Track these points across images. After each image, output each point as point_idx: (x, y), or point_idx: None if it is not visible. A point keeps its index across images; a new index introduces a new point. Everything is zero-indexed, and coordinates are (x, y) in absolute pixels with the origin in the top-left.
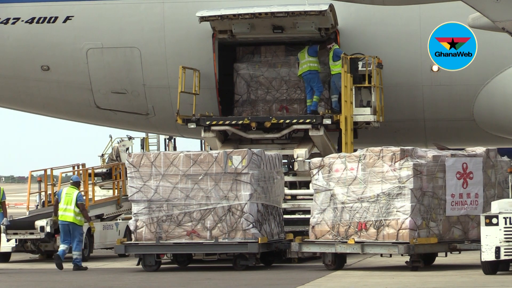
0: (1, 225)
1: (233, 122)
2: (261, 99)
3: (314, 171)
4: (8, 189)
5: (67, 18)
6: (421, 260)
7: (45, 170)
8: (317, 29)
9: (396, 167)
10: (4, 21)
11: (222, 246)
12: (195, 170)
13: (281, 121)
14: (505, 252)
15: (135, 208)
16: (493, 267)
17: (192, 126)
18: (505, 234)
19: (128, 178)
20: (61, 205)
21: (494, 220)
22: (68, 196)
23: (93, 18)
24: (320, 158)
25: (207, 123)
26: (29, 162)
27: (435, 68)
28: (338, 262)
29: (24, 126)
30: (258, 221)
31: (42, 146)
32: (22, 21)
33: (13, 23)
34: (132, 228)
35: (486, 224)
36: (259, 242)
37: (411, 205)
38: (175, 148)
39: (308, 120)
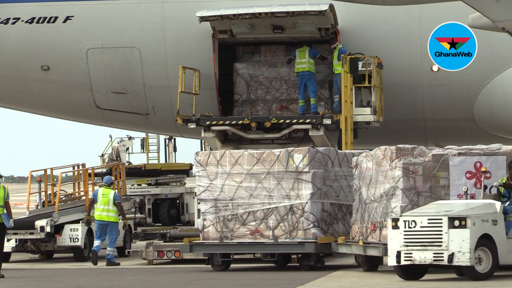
0: (8, 226)
1: (233, 122)
2: (261, 99)
3: (353, 170)
4: (9, 188)
5: (67, 18)
6: None
7: (45, 170)
8: (317, 29)
9: (393, 166)
10: (4, 21)
11: (281, 246)
12: (258, 169)
13: (281, 121)
14: (405, 257)
15: (203, 207)
16: (407, 272)
17: (192, 126)
18: (404, 238)
19: (196, 177)
20: (98, 206)
21: (400, 223)
22: (105, 197)
23: (93, 18)
24: (356, 157)
25: (207, 123)
26: (29, 162)
27: (435, 68)
28: (369, 263)
29: (24, 126)
30: (325, 221)
31: (42, 146)
32: (22, 21)
33: (13, 23)
34: (200, 227)
35: (393, 228)
36: (318, 242)
37: (400, 206)
38: (175, 149)
39: (308, 120)
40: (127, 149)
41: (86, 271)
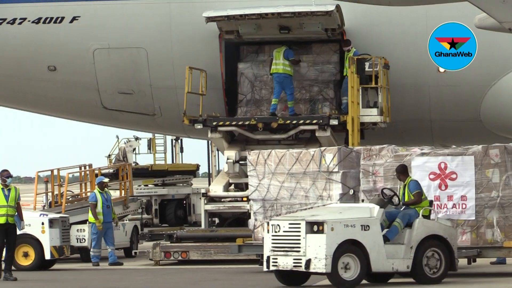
0: (20, 229)
1: (240, 123)
2: (266, 99)
3: None
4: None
5: (74, 18)
6: None
7: (52, 171)
8: (323, 29)
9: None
10: (11, 21)
11: None
12: (297, 169)
13: (288, 121)
14: (272, 262)
15: (254, 207)
16: (285, 278)
17: (199, 127)
18: (272, 243)
19: (248, 176)
20: (98, 209)
21: (270, 227)
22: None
23: (100, 19)
24: None
25: (214, 123)
26: (36, 162)
27: (441, 69)
28: None
29: (31, 127)
30: None
31: (49, 146)
32: (29, 21)
33: (20, 23)
34: (251, 227)
35: (267, 231)
36: None
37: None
38: (181, 149)
39: (315, 121)
40: (134, 149)
41: (92, 271)
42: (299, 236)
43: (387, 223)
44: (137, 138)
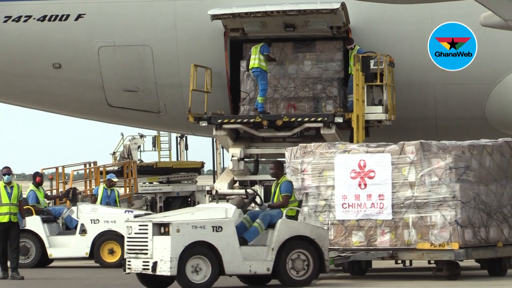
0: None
1: (245, 120)
2: (269, 97)
3: None
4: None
5: (79, 16)
6: None
7: (57, 168)
8: (329, 27)
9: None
10: (16, 19)
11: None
12: None
13: (293, 119)
14: (127, 265)
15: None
16: (147, 281)
17: (204, 124)
18: (127, 245)
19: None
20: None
21: (127, 229)
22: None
23: (105, 16)
24: None
25: (219, 121)
26: (41, 159)
27: None
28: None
29: (36, 124)
30: None
31: (54, 143)
32: (34, 18)
33: (25, 20)
34: None
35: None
36: None
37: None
38: (186, 147)
39: (319, 119)
40: (139, 147)
41: (98, 269)
42: (147, 238)
43: (251, 224)
44: (142, 136)
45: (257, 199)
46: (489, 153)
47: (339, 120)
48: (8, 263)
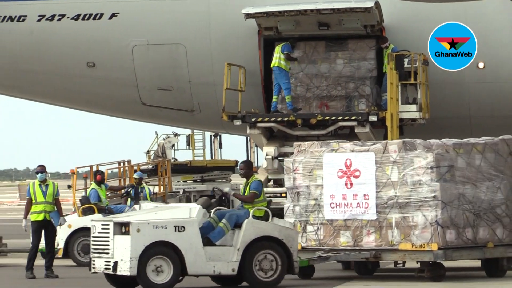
0: (57, 225)
1: (279, 119)
2: (301, 96)
3: None
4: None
5: (113, 15)
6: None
7: (91, 167)
8: (362, 26)
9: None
10: (50, 18)
11: None
12: None
13: (327, 118)
14: (92, 264)
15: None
16: (114, 281)
17: (238, 123)
18: (92, 244)
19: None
20: None
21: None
22: None
23: (139, 15)
24: None
25: (253, 120)
26: (75, 158)
27: (481, 65)
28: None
29: (70, 123)
30: None
31: (88, 142)
32: (68, 17)
33: (59, 19)
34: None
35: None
36: None
37: (284, 207)
38: (220, 145)
39: (353, 117)
40: (173, 145)
41: None
42: (108, 237)
43: (218, 224)
44: (176, 134)
45: (224, 199)
46: (479, 151)
47: (373, 118)
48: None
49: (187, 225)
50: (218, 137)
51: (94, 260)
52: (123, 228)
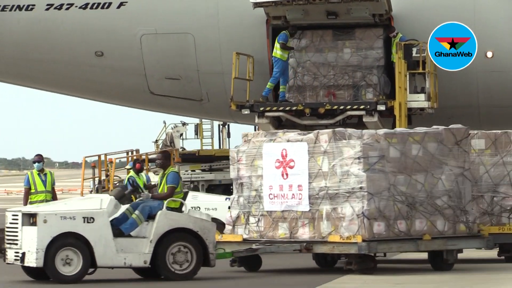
0: None
1: (287, 108)
2: (308, 85)
3: None
4: (62, 174)
5: (121, 4)
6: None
7: (99, 156)
8: (371, 15)
9: None
10: (58, 7)
11: None
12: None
13: (335, 107)
14: (6, 255)
15: None
16: (30, 272)
17: (246, 112)
18: (6, 235)
19: None
20: None
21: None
22: None
23: (147, 4)
24: None
25: (261, 109)
26: (83, 148)
27: (489, 54)
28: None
29: (78, 112)
30: None
31: (96, 131)
32: (76, 6)
33: (67, 8)
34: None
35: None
36: None
37: (231, 197)
38: (228, 135)
39: (362, 107)
40: (181, 135)
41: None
42: (17, 228)
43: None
44: (184, 124)
45: (139, 190)
46: (417, 141)
47: (381, 108)
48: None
49: (96, 216)
50: (227, 126)
51: (7, 251)
52: (31, 219)
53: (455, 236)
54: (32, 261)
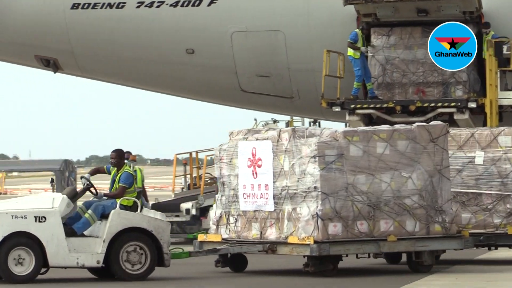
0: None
1: (378, 106)
2: (397, 82)
3: None
4: (154, 171)
5: (212, 1)
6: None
7: (190, 153)
8: (461, 12)
9: None
10: (149, 4)
11: None
12: None
13: (426, 104)
14: None
15: None
16: None
17: (337, 110)
18: None
19: None
20: None
21: None
22: None
23: (238, 1)
24: None
25: (352, 106)
26: (175, 145)
27: None
28: None
29: (170, 110)
30: None
31: (187, 129)
32: (167, 4)
33: (158, 6)
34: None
35: None
36: None
37: (216, 197)
38: None
39: (453, 104)
40: None
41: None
42: None
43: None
44: (275, 121)
45: (92, 190)
46: (383, 139)
47: (472, 105)
48: None
49: (48, 215)
50: (317, 123)
51: None
52: None
53: (427, 237)
54: None
